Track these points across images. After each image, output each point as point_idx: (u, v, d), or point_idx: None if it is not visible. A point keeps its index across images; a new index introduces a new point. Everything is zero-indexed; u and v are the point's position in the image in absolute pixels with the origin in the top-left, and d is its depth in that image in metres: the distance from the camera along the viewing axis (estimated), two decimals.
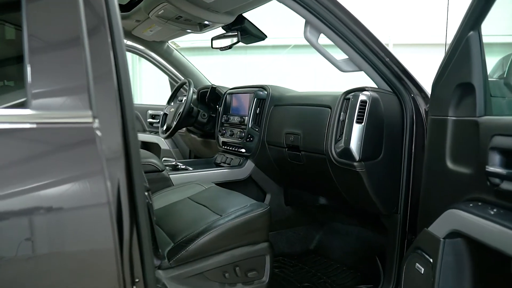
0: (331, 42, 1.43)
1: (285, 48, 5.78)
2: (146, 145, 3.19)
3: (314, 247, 2.05)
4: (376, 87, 1.48)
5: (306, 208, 2.10)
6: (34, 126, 0.69)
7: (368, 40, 1.37)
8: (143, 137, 3.13)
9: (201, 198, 1.52)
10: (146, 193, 1.00)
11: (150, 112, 3.13)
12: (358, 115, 1.35)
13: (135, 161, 0.82)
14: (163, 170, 1.71)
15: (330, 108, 1.49)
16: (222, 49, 2.00)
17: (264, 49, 5.78)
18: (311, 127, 1.57)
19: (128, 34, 2.39)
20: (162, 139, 2.75)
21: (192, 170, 1.89)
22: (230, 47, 1.95)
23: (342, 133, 1.40)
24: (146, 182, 1.05)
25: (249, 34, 1.89)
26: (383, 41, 1.42)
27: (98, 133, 0.73)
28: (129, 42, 2.65)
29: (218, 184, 1.81)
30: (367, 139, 1.36)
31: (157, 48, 2.58)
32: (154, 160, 1.69)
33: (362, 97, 1.37)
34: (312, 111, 1.59)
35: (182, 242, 1.20)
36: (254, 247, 1.30)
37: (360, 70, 1.46)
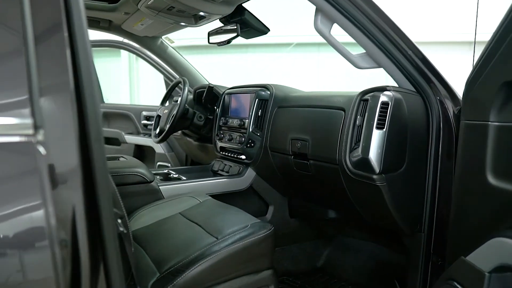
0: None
1: (287, 46, 5.58)
2: (140, 149, 3.02)
3: (322, 265, 1.85)
4: (397, 86, 1.29)
5: (313, 221, 1.90)
6: None
7: (390, 31, 1.17)
8: (136, 140, 2.96)
9: (195, 214, 1.32)
10: (119, 221, 0.80)
11: (144, 113, 2.96)
12: (378, 120, 1.15)
13: (101, 183, 0.62)
14: (152, 181, 1.50)
15: (344, 111, 1.29)
16: (219, 44, 1.80)
17: (265, 47, 5.59)
18: (321, 133, 1.37)
19: (118, 29, 2.19)
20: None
21: (186, 180, 1.68)
22: (228, 42, 1.75)
23: (359, 140, 1.20)
24: (121, 207, 0.85)
25: (250, 27, 1.68)
26: None
27: (41, 149, 0.53)
28: (126, 40, 2.47)
29: (215, 195, 1.61)
30: (388, 148, 1.15)
31: (150, 44, 2.37)
32: (141, 169, 1.48)
33: (383, 98, 1.16)
34: (322, 114, 1.39)
35: (169, 273, 1.00)
36: (256, 277, 1.10)
37: (379, 66, 1.26)
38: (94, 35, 2.56)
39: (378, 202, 1.24)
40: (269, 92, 1.72)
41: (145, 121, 2.94)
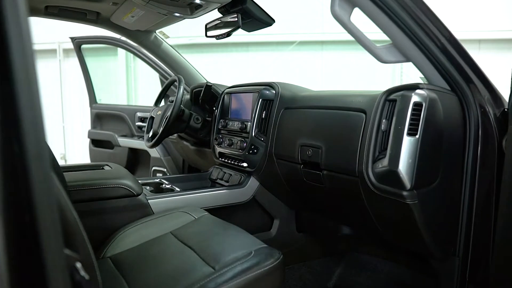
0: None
1: (289, 44, 5.38)
2: (134, 153, 2.83)
3: (334, 286, 1.65)
4: (427, 83, 1.09)
5: (323, 236, 1.70)
6: None
7: (423, 17, 0.97)
8: (130, 143, 2.77)
9: (188, 234, 1.12)
10: (78, 265, 0.60)
11: (138, 114, 2.77)
12: (410, 124, 0.95)
13: (45, 215, 0.42)
14: (139, 194, 1.30)
15: (365, 113, 1.09)
16: (218, 37, 1.59)
17: (267, 45, 5.38)
18: (337, 139, 1.17)
19: (107, 22, 1.99)
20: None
21: (179, 191, 1.48)
22: (228, 34, 1.54)
23: (385, 148, 1.00)
24: (85, 243, 0.65)
25: (252, 17, 1.47)
26: None
27: None
28: (124, 38, 2.28)
29: (213, 209, 1.42)
30: (422, 158, 0.95)
31: (142, 39, 2.17)
32: (127, 181, 1.28)
33: (415, 98, 0.96)
34: (338, 117, 1.19)
35: None
36: None
37: (407, 60, 1.06)
38: (90, 31, 2.36)
39: (406, 222, 1.04)
40: (274, 91, 1.51)
41: (139, 123, 2.75)
